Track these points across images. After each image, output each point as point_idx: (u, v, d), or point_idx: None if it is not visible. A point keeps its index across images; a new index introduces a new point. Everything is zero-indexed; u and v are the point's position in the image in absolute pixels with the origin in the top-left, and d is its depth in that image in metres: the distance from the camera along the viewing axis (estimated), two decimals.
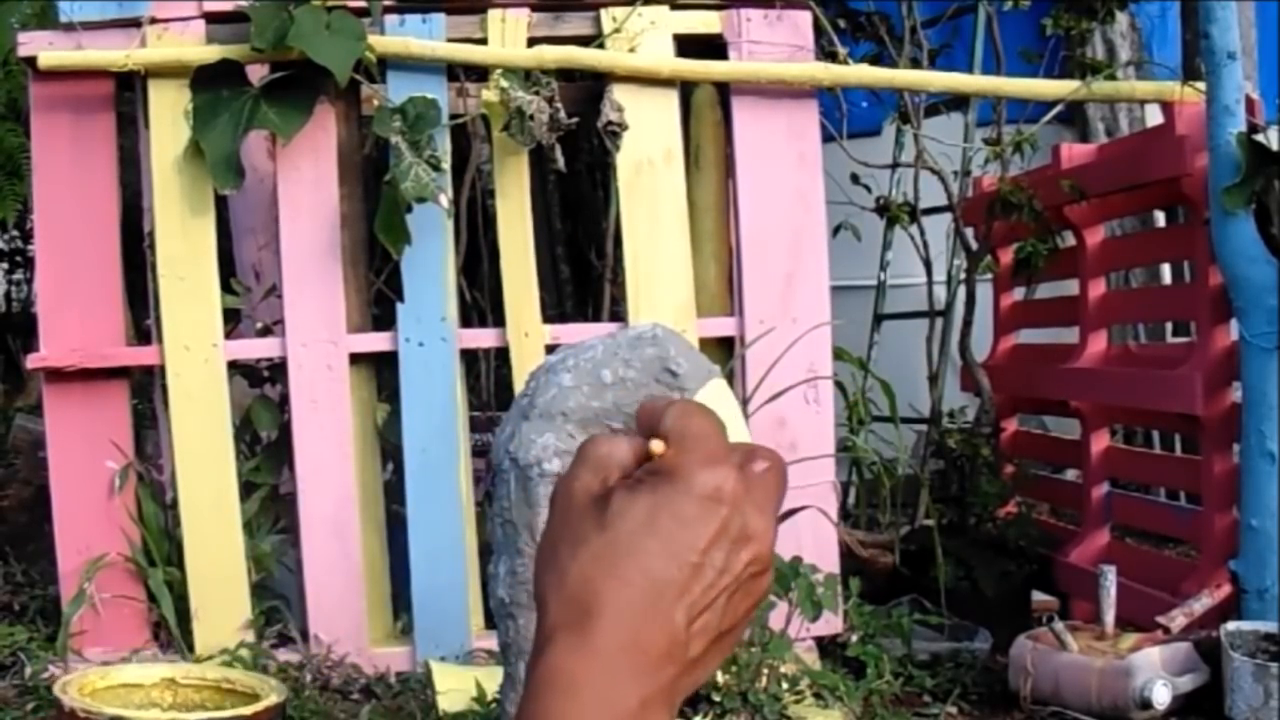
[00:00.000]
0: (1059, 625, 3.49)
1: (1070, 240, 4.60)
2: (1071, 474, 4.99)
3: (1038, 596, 4.27)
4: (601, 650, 0.76)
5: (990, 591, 4.25)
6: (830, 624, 3.69)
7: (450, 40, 3.79)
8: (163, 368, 3.73)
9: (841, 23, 5.05)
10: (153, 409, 3.94)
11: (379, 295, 4.08)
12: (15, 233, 8.28)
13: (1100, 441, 4.45)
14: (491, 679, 3.05)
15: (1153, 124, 4.99)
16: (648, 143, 3.83)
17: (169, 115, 3.70)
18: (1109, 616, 3.53)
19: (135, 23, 3.72)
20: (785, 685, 3.19)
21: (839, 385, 4.51)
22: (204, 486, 3.71)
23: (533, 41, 3.79)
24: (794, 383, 3.71)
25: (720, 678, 3.08)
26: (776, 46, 3.88)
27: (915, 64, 5.02)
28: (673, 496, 0.79)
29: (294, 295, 3.76)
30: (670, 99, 3.87)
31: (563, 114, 3.66)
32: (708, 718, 3.02)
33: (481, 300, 5.22)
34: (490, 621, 3.48)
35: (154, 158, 3.73)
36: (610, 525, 0.79)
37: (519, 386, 3.13)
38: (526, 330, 3.81)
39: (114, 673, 2.89)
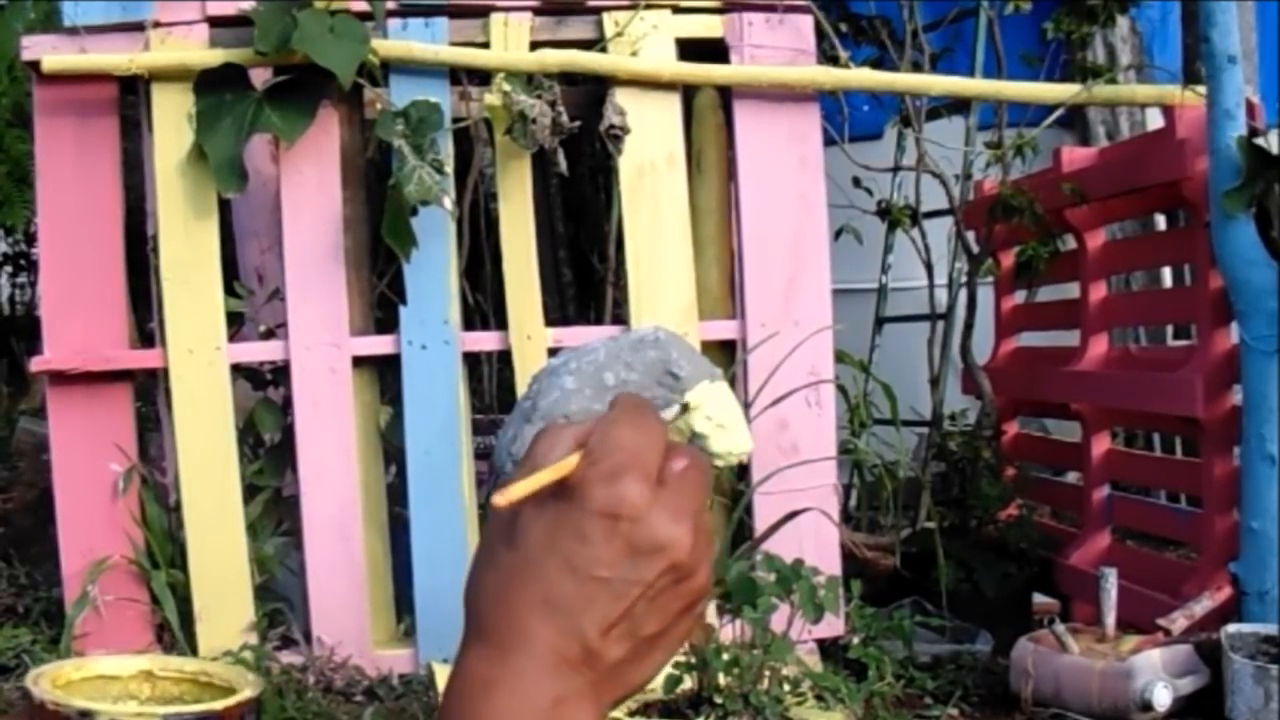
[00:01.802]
0: (1060, 627, 3.50)
1: (1071, 243, 4.61)
2: (1072, 476, 5.00)
3: (1038, 599, 4.27)
4: (510, 656, 0.79)
5: (991, 594, 4.25)
6: (832, 626, 3.69)
7: (453, 44, 3.80)
8: (166, 371, 3.74)
9: (843, 26, 5.06)
10: (156, 412, 3.95)
11: (382, 298, 4.08)
12: (19, 236, 8.29)
13: (1101, 444, 4.45)
14: None
15: (1153, 127, 5.00)
16: (650, 146, 3.84)
17: (172, 119, 3.71)
18: (1110, 618, 3.54)
19: (139, 26, 3.73)
20: (787, 687, 3.20)
21: (840, 388, 4.53)
22: (207, 489, 3.72)
23: (535, 45, 3.80)
24: (796, 386, 3.72)
25: (722, 679, 3.09)
26: (778, 50, 3.89)
27: (917, 68, 5.03)
28: (571, 514, 0.79)
29: (297, 298, 3.77)
30: (672, 103, 3.88)
31: (565, 118, 3.67)
32: (709, 719, 3.03)
33: (484, 303, 5.22)
34: None
35: (157, 161, 3.74)
36: (516, 544, 0.81)
37: (521, 389, 3.14)
38: (529, 333, 3.81)
39: (90, 664, 2.88)
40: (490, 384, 5.35)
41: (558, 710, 0.78)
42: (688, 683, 3.10)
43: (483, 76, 3.89)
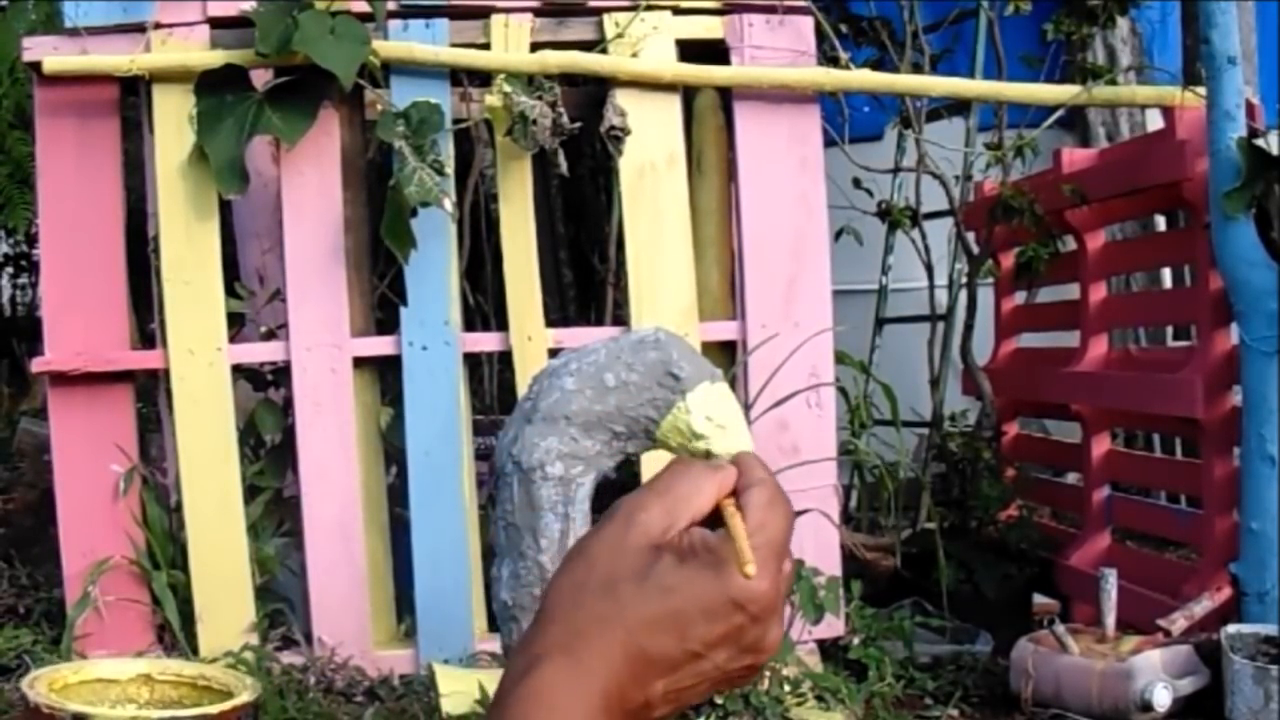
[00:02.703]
0: (1060, 628, 3.50)
1: (1071, 244, 4.61)
2: (1072, 477, 5.00)
3: (1039, 599, 4.28)
4: (586, 687, 0.78)
5: (991, 594, 4.26)
6: (832, 626, 3.70)
7: (453, 45, 3.80)
8: (167, 371, 3.74)
9: (843, 28, 5.07)
10: (157, 412, 3.95)
11: (382, 299, 4.09)
12: (20, 237, 8.29)
13: (1101, 445, 4.46)
14: (494, 681, 3.05)
15: (1153, 129, 5.00)
16: (650, 147, 3.84)
17: (173, 120, 3.72)
18: (1110, 619, 3.54)
19: (140, 28, 3.74)
20: (787, 688, 3.20)
21: (841, 389, 4.53)
22: (208, 490, 3.72)
23: (535, 46, 3.81)
24: (796, 387, 3.72)
25: None
26: (779, 51, 3.89)
27: (917, 69, 5.03)
28: (709, 588, 0.79)
29: (298, 299, 3.78)
30: (673, 104, 3.88)
31: (565, 119, 3.68)
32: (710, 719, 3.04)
33: (485, 304, 5.23)
34: (493, 624, 3.49)
35: (158, 162, 3.74)
36: (646, 585, 0.80)
37: (522, 390, 3.14)
38: (529, 334, 3.82)
39: (88, 667, 2.87)
40: (491, 385, 5.35)
41: None
42: None
43: (483, 77, 3.89)
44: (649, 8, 3.83)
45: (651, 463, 3.60)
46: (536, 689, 0.78)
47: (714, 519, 0.83)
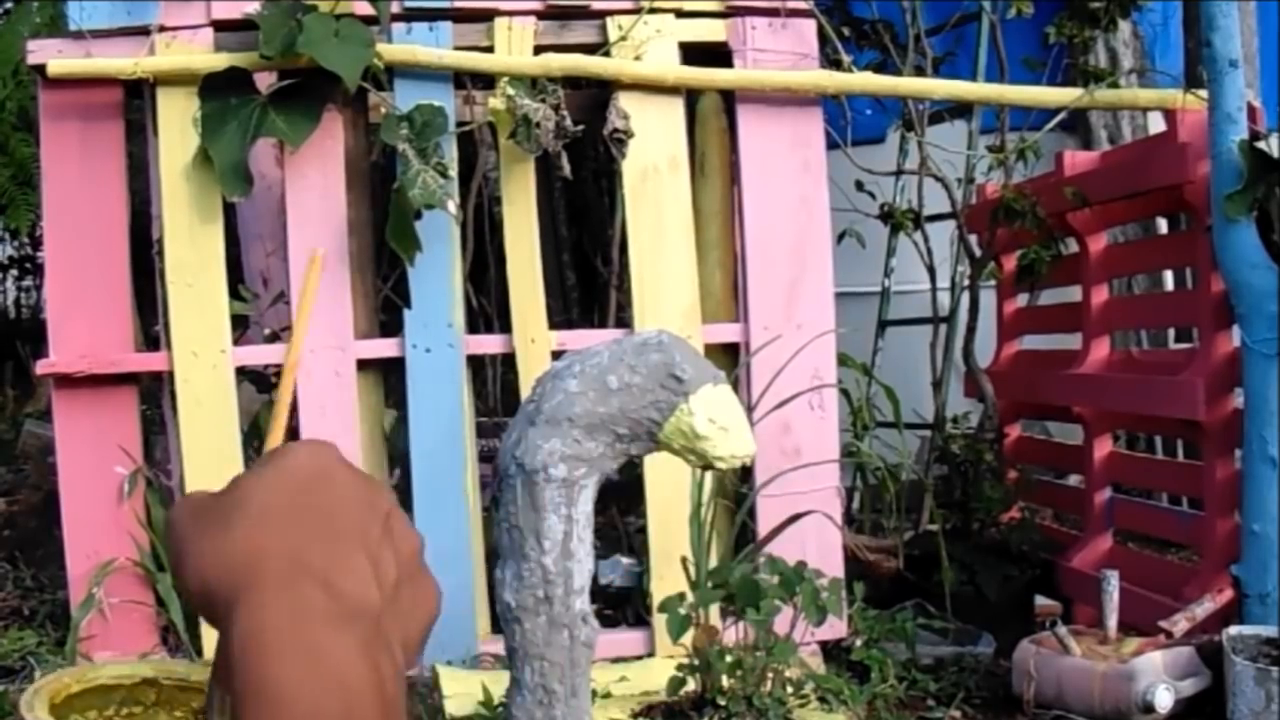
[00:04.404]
0: (1062, 629, 3.51)
1: (1073, 247, 4.62)
2: (1074, 479, 5.01)
3: (1041, 601, 4.29)
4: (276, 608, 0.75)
5: (993, 596, 4.26)
6: (834, 628, 3.71)
7: (457, 48, 3.81)
8: (171, 373, 3.75)
9: (846, 31, 5.08)
10: (161, 415, 3.96)
11: (386, 301, 4.10)
12: (25, 239, 8.31)
13: (1103, 447, 4.47)
14: (498, 683, 3.07)
15: (1155, 131, 5.01)
16: (653, 150, 3.85)
17: (177, 123, 3.73)
18: (1111, 621, 3.55)
19: (144, 30, 3.74)
20: (790, 689, 3.21)
21: (843, 391, 4.54)
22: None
23: (539, 49, 3.82)
24: (799, 389, 3.73)
25: (725, 681, 3.10)
26: (781, 54, 3.90)
27: (919, 72, 5.04)
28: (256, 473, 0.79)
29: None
30: (675, 106, 3.89)
31: (569, 121, 3.68)
32: None
33: (488, 306, 5.24)
34: (496, 625, 3.50)
35: (162, 165, 3.75)
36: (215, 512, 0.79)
37: (525, 392, 3.15)
38: (533, 336, 3.83)
39: (92, 673, 2.86)
40: (494, 387, 5.36)
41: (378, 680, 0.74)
42: (691, 685, 3.11)
43: (487, 80, 3.90)
44: (652, 11, 3.84)
45: (654, 464, 3.61)
46: (245, 640, 0.75)
47: None
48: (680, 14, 3.89)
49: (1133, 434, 5.29)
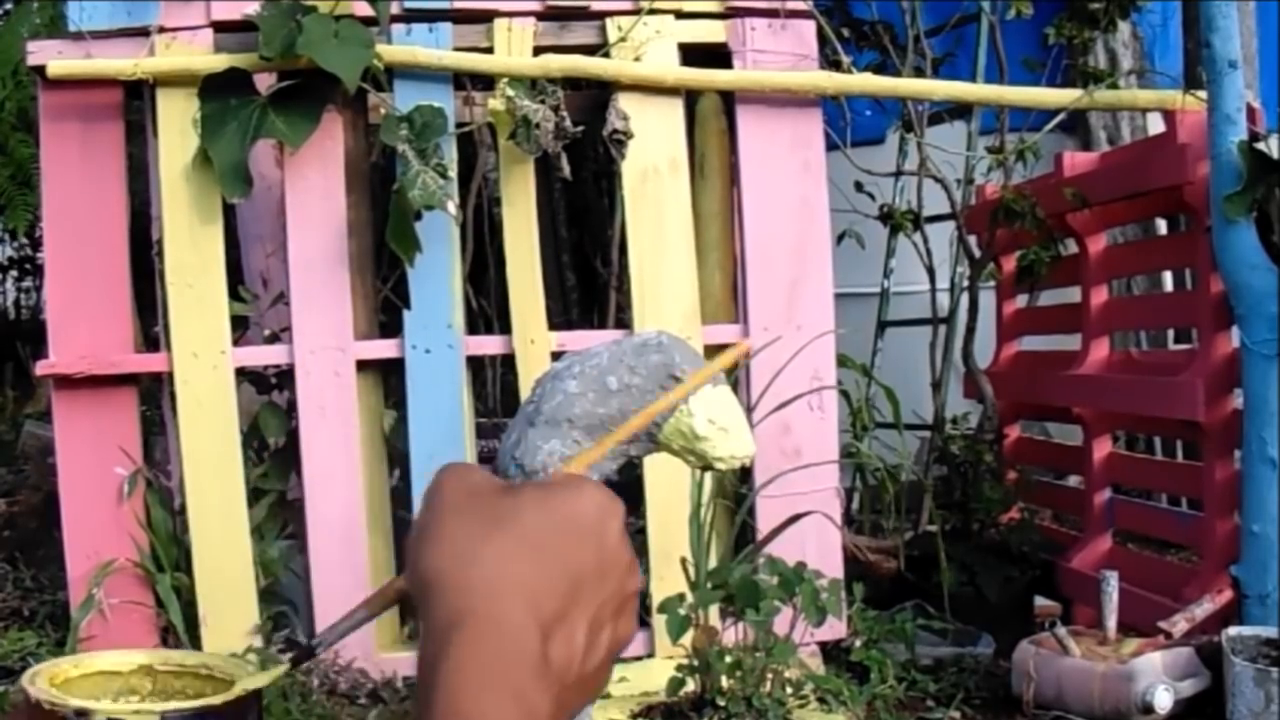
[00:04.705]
0: (1061, 630, 3.51)
1: (1073, 248, 4.62)
2: (1074, 480, 5.01)
3: (1040, 602, 4.29)
4: (507, 635, 0.75)
5: (993, 597, 4.26)
6: (834, 629, 3.71)
7: (457, 49, 3.81)
8: (171, 374, 3.75)
9: (845, 32, 5.08)
10: (161, 415, 3.96)
11: (386, 302, 4.10)
12: (24, 240, 8.31)
13: (1102, 448, 4.47)
14: None
15: (1154, 132, 5.01)
16: (653, 151, 3.85)
17: (177, 124, 3.73)
18: (1111, 621, 3.55)
19: (144, 31, 3.75)
20: (789, 690, 3.21)
21: (843, 392, 4.54)
22: (212, 492, 3.73)
23: (538, 50, 3.82)
24: (799, 390, 3.73)
25: (725, 682, 3.10)
26: (781, 55, 3.90)
27: (919, 73, 5.05)
28: (544, 501, 0.81)
29: (302, 302, 3.79)
30: (675, 107, 3.89)
31: (568, 122, 3.69)
32: None
33: (488, 307, 5.24)
34: None
35: (162, 166, 3.75)
36: (499, 518, 0.80)
37: (525, 393, 3.15)
38: (532, 337, 3.83)
39: (89, 660, 2.85)
40: (494, 388, 5.36)
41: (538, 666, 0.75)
42: (690, 685, 3.12)
43: (486, 81, 3.90)
44: (651, 12, 3.84)
45: (654, 465, 3.61)
46: (460, 658, 0.73)
47: None
48: (680, 15, 3.89)
49: (1132, 435, 5.29)
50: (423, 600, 0.79)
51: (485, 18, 3.84)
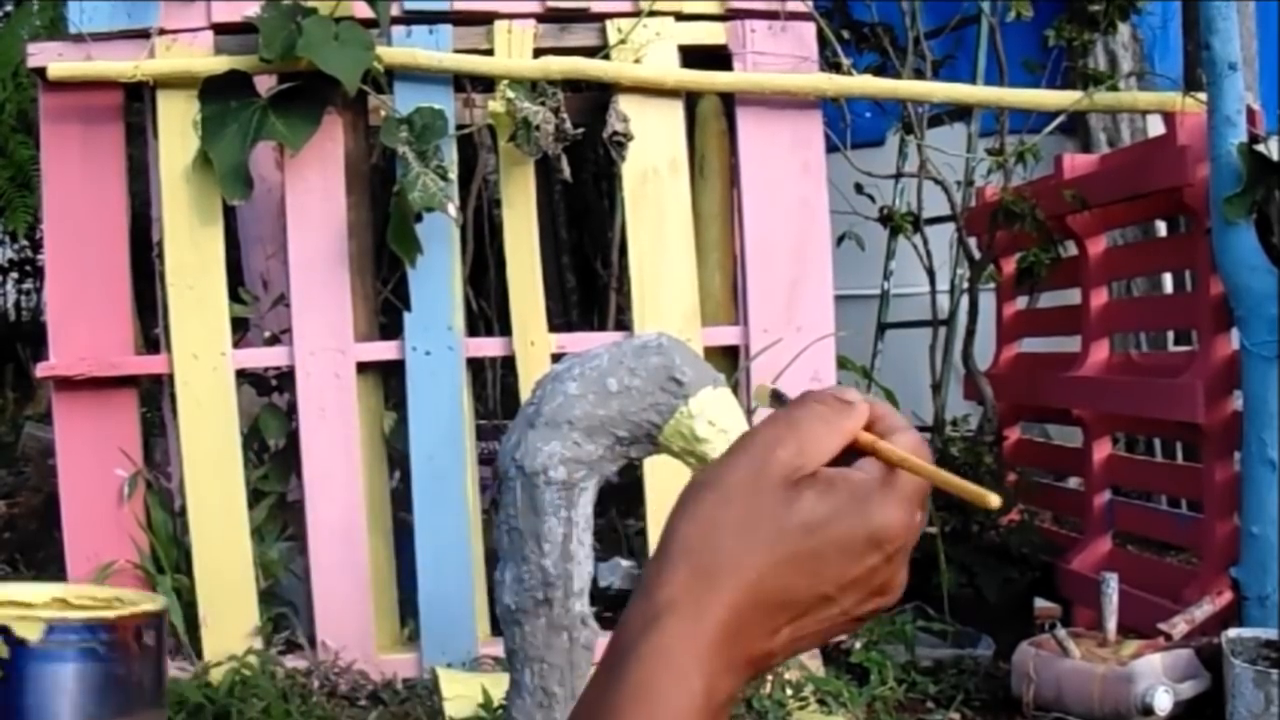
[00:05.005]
0: (1061, 632, 3.51)
1: (1072, 250, 4.62)
2: (1074, 482, 5.01)
3: (1040, 603, 4.29)
4: (714, 640, 0.74)
5: (993, 598, 4.26)
6: None
7: (457, 51, 3.82)
8: (171, 376, 3.75)
9: (845, 34, 5.08)
10: (161, 417, 3.97)
11: (386, 304, 4.10)
12: (25, 242, 8.32)
13: (1102, 449, 4.47)
14: (498, 685, 3.07)
15: (1154, 134, 5.01)
16: (653, 153, 3.85)
17: (178, 126, 3.73)
18: (1111, 623, 3.55)
19: (144, 34, 3.75)
20: (789, 691, 3.21)
21: None
22: (212, 494, 3.73)
23: (539, 52, 3.82)
24: (799, 392, 3.73)
25: None
26: (781, 57, 3.90)
27: (919, 75, 5.05)
28: (852, 524, 0.76)
29: (302, 304, 3.79)
30: (675, 109, 3.90)
31: (568, 124, 3.69)
32: None
33: (488, 309, 5.25)
34: (496, 628, 3.50)
35: (163, 168, 3.76)
36: (789, 520, 0.76)
37: (525, 395, 3.16)
38: (533, 339, 3.83)
39: (3, 591, 2.82)
40: (494, 389, 5.36)
41: (726, 708, 0.76)
42: None
43: (487, 83, 3.91)
44: (651, 14, 3.84)
45: (654, 466, 3.61)
46: (662, 647, 0.74)
47: (840, 460, 0.80)
48: (680, 17, 3.89)
49: (1132, 436, 5.29)
50: (658, 555, 0.78)
51: (485, 20, 3.84)
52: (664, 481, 3.70)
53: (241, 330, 4.04)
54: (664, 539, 0.78)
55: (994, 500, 0.77)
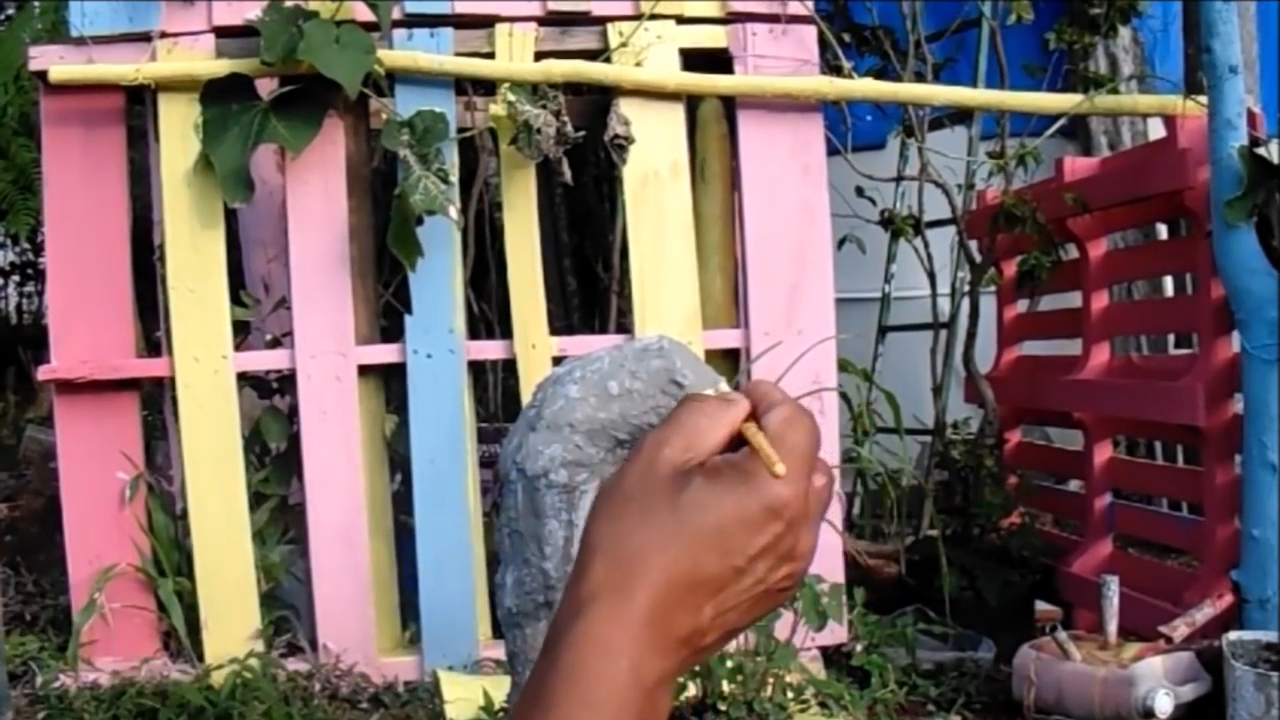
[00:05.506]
0: (1062, 635, 3.51)
1: (1073, 253, 4.62)
2: (1074, 485, 5.01)
3: (1041, 606, 4.28)
4: (637, 622, 0.79)
5: (994, 601, 4.26)
6: (835, 633, 3.71)
7: (458, 54, 3.82)
8: (173, 379, 3.76)
9: (846, 37, 5.08)
10: (163, 420, 3.97)
11: (387, 307, 4.10)
12: (26, 245, 8.32)
13: (1103, 452, 4.47)
14: (499, 688, 3.08)
15: (1155, 137, 5.01)
16: (654, 156, 3.86)
17: (179, 129, 3.74)
18: (1112, 626, 3.55)
19: (145, 37, 3.76)
20: (790, 694, 3.21)
21: (844, 396, 4.54)
22: (214, 497, 3.73)
23: (540, 56, 3.82)
24: (799, 394, 3.73)
25: (726, 687, 3.10)
26: (782, 60, 3.91)
27: (919, 78, 5.05)
28: (743, 499, 0.82)
29: (303, 307, 3.79)
30: (676, 112, 3.90)
31: (570, 127, 3.69)
32: None
33: (489, 312, 5.25)
34: (497, 631, 3.51)
35: (164, 171, 3.76)
36: (681, 507, 0.82)
37: (526, 398, 3.16)
38: (534, 342, 3.83)
39: None
40: (495, 392, 5.36)
41: (659, 689, 0.80)
42: (692, 690, 3.12)
43: (488, 86, 3.92)
44: (653, 17, 3.85)
45: None
46: (587, 631, 0.79)
47: (733, 449, 0.86)
48: (681, 20, 3.89)
49: (1133, 439, 5.29)
50: (578, 559, 0.84)
51: (486, 23, 3.84)
52: None
53: (243, 333, 4.04)
54: (581, 544, 0.85)
55: (779, 469, 0.83)
